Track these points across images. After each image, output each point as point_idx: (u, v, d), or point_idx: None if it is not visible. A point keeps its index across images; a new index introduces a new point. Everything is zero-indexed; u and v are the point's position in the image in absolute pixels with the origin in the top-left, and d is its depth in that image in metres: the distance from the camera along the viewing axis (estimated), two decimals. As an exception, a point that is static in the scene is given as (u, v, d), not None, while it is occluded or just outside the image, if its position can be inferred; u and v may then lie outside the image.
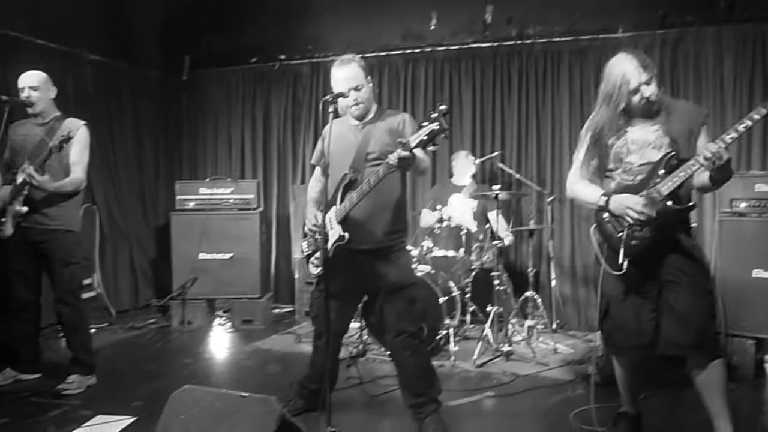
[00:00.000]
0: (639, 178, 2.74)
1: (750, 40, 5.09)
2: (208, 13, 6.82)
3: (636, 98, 2.70)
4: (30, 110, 3.90)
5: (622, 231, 2.73)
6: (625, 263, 2.71)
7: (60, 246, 3.88)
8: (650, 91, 2.68)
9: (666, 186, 2.62)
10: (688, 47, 5.32)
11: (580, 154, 2.95)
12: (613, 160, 2.83)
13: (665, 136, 2.72)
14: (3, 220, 3.81)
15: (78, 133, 3.90)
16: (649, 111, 2.75)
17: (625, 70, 2.68)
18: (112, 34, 6.30)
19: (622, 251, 2.72)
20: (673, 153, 2.67)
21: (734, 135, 2.48)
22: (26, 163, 3.70)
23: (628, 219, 2.69)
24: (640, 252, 2.70)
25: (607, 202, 2.77)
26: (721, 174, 2.55)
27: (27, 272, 3.94)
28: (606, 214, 2.80)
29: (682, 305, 2.66)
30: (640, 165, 2.75)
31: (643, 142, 2.76)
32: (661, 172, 2.65)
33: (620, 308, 2.84)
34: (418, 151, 2.78)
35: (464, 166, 5.44)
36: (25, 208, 3.75)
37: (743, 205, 4.24)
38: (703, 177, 2.62)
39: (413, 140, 2.70)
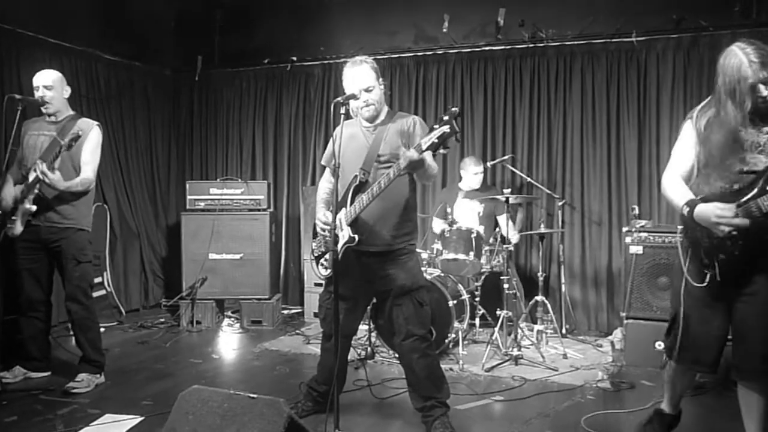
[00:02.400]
0: (736, 186, 2.42)
1: (766, 44, 5.04)
2: (220, 13, 6.86)
3: (753, 97, 2.36)
4: (44, 109, 3.92)
5: (711, 241, 2.45)
6: (708, 277, 2.49)
7: (72, 244, 3.89)
8: None
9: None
10: (702, 52, 5.27)
11: (678, 147, 2.65)
12: (715, 161, 2.48)
13: None
14: (14, 218, 3.82)
15: (90, 133, 3.92)
16: (766, 111, 2.38)
17: (739, 63, 2.36)
18: (125, 33, 6.34)
19: (708, 265, 2.49)
20: None
21: None
22: (39, 161, 3.72)
23: (717, 232, 2.39)
24: (726, 268, 2.45)
25: (690, 212, 2.45)
26: None
27: (38, 271, 3.96)
28: None
29: (750, 326, 2.46)
30: (742, 172, 2.42)
31: (750, 145, 2.41)
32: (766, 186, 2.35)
33: (690, 319, 2.60)
34: (427, 156, 2.76)
35: (471, 173, 5.40)
36: (34, 207, 3.77)
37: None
38: None
39: (424, 143, 2.69)
